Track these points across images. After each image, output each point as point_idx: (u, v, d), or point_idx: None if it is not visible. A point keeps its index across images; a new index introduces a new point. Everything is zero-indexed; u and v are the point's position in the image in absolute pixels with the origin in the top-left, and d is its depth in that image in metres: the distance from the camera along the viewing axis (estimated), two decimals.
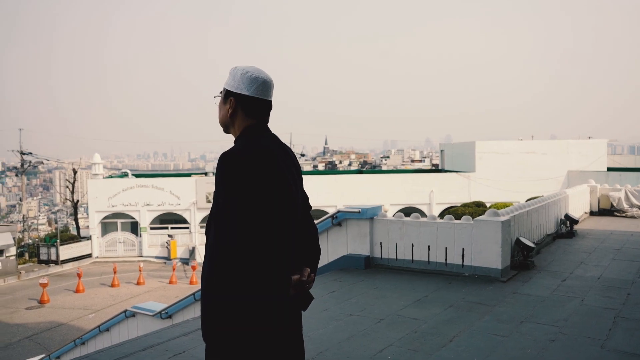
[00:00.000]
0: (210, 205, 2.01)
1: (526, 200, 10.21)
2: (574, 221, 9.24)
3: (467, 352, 3.79)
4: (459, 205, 23.25)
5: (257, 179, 1.84)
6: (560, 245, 8.20)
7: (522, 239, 6.62)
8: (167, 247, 28.08)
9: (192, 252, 27.67)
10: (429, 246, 6.49)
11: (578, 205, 11.12)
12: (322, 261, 7.07)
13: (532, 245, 6.66)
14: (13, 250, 24.56)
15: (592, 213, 12.23)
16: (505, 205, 18.57)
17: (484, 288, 5.62)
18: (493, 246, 6.02)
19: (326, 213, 7.79)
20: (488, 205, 20.83)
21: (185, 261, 27.60)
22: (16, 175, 37.56)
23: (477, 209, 19.99)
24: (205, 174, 32.42)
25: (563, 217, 9.31)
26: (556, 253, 7.60)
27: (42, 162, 37.47)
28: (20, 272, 24.70)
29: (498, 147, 28.57)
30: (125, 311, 9.35)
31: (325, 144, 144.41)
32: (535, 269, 6.49)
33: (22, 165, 34.53)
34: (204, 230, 2.26)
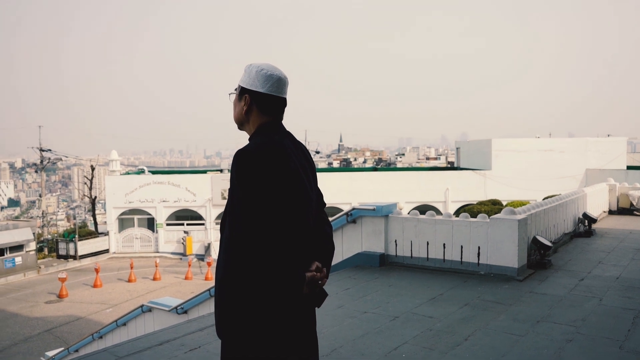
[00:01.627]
0: (225, 202, 2.03)
1: (543, 199, 10.09)
2: (592, 220, 9.11)
3: (482, 351, 3.77)
4: (475, 203, 23.06)
5: (272, 176, 1.85)
6: (578, 245, 8.10)
7: (539, 238, 6.55)
8: (182, 243, 28.33)
9: (208, 248, 27.89)
10: (444, 244, 6.45)
11: (596, 203, 10.96)
12: (337, 258, 7.08)
13: (549, 244, 6.58)
14: (33, 245, 24.97)
15: (610, 212, 12.04)
16: (521, 203, 18.37)
17: (500, 287, 5.57)
18: (509, 245, 5.97)
19: (341, 210, 7.79)
20: (504, 203, 20.60)
21: (200, 257, 27.82)
22: (36, 172, 38.14)
23: (493, 207, 19.80)
24: (221, 170, 32.61)
25: (581, 216, 9.18)
26: (574, 252, 7.50)
27: (60, 159, 38.04)
28: (40, 267, 25.13)
29: (515, 144, 28.27)
30: (142, 306, 9.47)
31: (340, 141, 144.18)
32: (553, 268, 6.42)
33: (41, 161, 35.09)
34: (219, 226, 2.26)
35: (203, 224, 29.03)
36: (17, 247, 24.00)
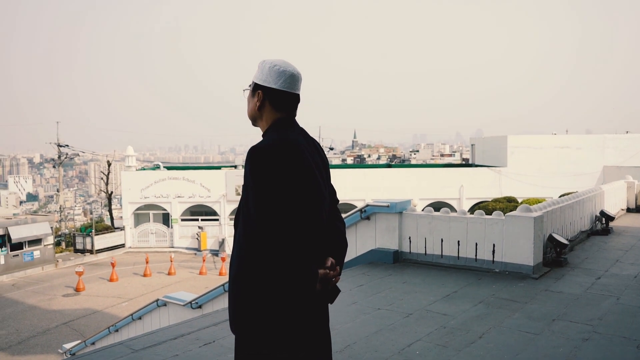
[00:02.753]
0: (239, 198, 2.01)
1: (560, 196, 9.98)
2: (610, 218, 8.99)
3: (496, 349, 3.74)
4: (490, 200, 22.89)
5: (285, 173, 1.86)
6: (595, 243, 8.00)
7: (555, 236, 6.48)
8: (197, 238, 28.56)
9: (222, 243, 28.06)
10: (458, 241, 6.42)
11: (614, 201, 10.80)
12: (350, 255, 7.08)
13: (565, 242, 6.51)
14: (51, 240, 25.37)
15: (629, 210, 11.86)
16: (537, 201, 18.17)
17: (515, 285, 5.53)
18: (525, 242, 5.92)
19: (354, 207, 7.78)
20: (520, 200, 20.40)
21: (215, 252, 28.01)
22: (54, 167, 38.68)
23: (508, 204, 19.64)
24: (235, 166, 32.75)
25: (598, 214, 9.06)
26: (590, 250, 7.41)
27: (78, 154, 38.52)
28: (58, 261, 25.53)
29: (531, 141, 27.95)
30: (157, 300, 9.57)
31: (354, 137, 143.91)
32: (569, 267, 6.35)
33: (59, 157, 35.57)
34: (233, 222, 2.28)
35: (217, 220, 29.22)
36: (36, 241, 24.39)
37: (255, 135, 2.11)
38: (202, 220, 29.47)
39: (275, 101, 2.02)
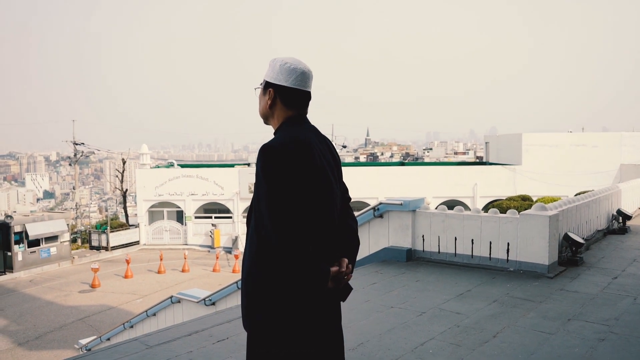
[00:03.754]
0: (252, 195, 2.02)
1: (575, 195, 9.86)
2: (627, 217, 8.86)
3: (511, 349, 3.72)
4: (504, 198, 22.68)
5: (297, 170, 1.86)
6: (611, 242, 7.89)
7: (571, 235, 6.41)
8: (210, 236, 28.73)
9: (235, 241, 28.21)
10: (472, 240, 6.38)
11: (632, 200, 10.65)
12: (363, 253, 7.07)
13: (581, 241, 6.44)
14: (67, 236, 25.69)
15: None
16: (553, 199, 17.97)
17: (530, 284, 5.48)
18: (540, 241, 5.86)
19: (367, 205, 7.77)
20: (535, 199, 20.18)
21: (228, 250, 28.17)
22: (70, 165, 39.16)
23: (522, 202, 19.44)
24: (248, 164, 32.88)
25: (615, 213, 8.94)
26: (607, 249, 7.32)
27: (93, 152, 38.97)
28: (74, 257, 25.86)
29: (546, 139, 27.64)
30: (171, 297, 9.65)
31: (367, 135, 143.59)
32: (585, 266, 6.28)
33: (75, 155, 36.00)
34: (246, 220, 2.26)
35: (230, 217, 29.37)
36: (52, 238, 24.72)
37: (268, 134, 2.12)
38: (215, 217, 29.64)
39: (286, 99, 2.02)
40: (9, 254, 23.01)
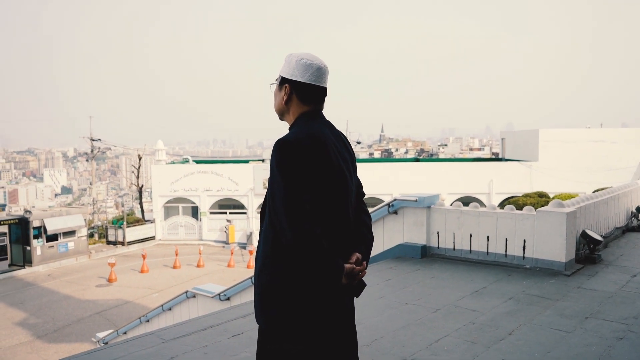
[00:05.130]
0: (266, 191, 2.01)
1: (593, 191, 9.72)
2: None
3: (527, 346, 3.68)
4: (520, 195, 22.44)
5: (312, 166, 1.85)
6: (630, 239, 7.77)
7: (589, 232, 6.32)
8: (225, 231, 28.90)
9: (250, 236, 28.34)
10: (488, 237, 6.33)
11: None
12: (378, 249, 7.05)
13: (599, 238, 6.34)
14: (84, 231, 26.03)
15: None
16: (570, 196, 17.73)
17: (546, 281, 5.42)
18: (557, 238, 5.79)
19: (381, 201, 7.75)
20: (551, 196, 19.94)
21: (242, 245, 28.31)
22: (87, 161, 39.66)
23: (539, 199, 19.21)
24: (263, 160, 32.97)
25: (634, 210, 8.79)
26: (626, 247, 7.20)
27: (110, 148, 39.38)
28: (91, 252, 26.21)
29: (564, 135, 27.26)
30: (186, 292, 9.74)
31: (382, 131, 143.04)
32: (603, 264, 6.19)
33: (92, 151, 36.43)
34: (259, 215, 2.24)
35: (245, 213, 29.50)
36: (70, 233, 25.06)
37: (282, 129, 2.11)
38: (230, 213, 29.80)
39: (302, 94, 2.01)
40: (28, 248, 23.40)
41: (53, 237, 24.25)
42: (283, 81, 2.04)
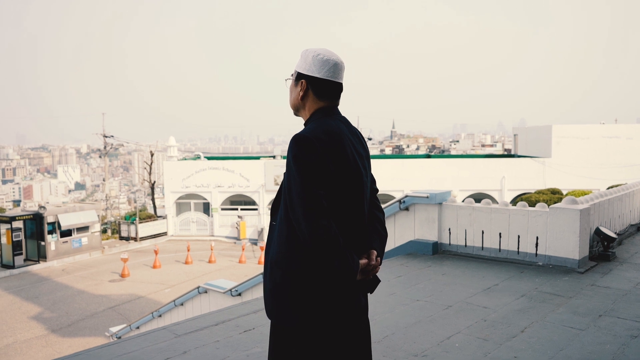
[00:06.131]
0: (278, 188, 1.99)
1: (607, 188, 9.60)
2: None
3: (539, 344, 3.66)
4: (533, 192, 22.25)
5: (328, 161, 1.85)
6: None
7: (603, 229, 6.26)
8: (236, 227, 29.03)
9: (261, 233, 28.44)
10: (500, 233, 6.28)
11: None
12: (389, 245, 7.04)
13: (613, 235, 6.27)
14: (98, 227, 26.29)
15: None
16: (583, 192, 17.57)
17: (559, 279, 5.37)
18: (570, 235, 5.74)
19: (393, 197, 7.72)
20: (565, 192, 19.75)
21: (254, 241, 28.43)
22: (100, 157, 40.07)
23: (552, 196, 19.05)
24: (274, 157, 33.03)
25: None
26: None
27: (122, 145, 39.75)
28: (104, 247, 26.48)
29: (577, 131, 26.95)
30: (198, 287, 9.80)
31: (393, 127, 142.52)
32: (617, 261, 6.12)
33: (104, 147, 36.76)
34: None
35: (256, 209, 29.59)
36: (84, 228, 25.33)
37: (293, 126, 2.12)
38: (241, 209, 29.93)
39: (318, 90, 2.01)
40: (43, 243, 23.70)
41: (67, 233, 24.53)
42: (299, 77, 2.03)
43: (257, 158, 33.91)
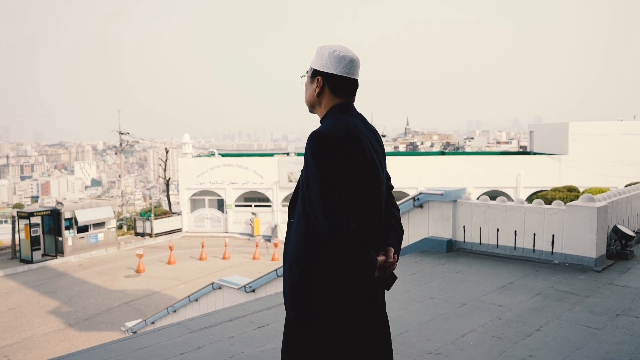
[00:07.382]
0: (292, 185, 2.00)
1: (625, 186, 9.46)
2: None
3: (555, 343, 3.62)
4: (549, 189, 22.00)
5: (346, 158, 1.85)
6: None
7: (621, 227, 6.17)
8: (250, 224, 29.15)
9: (274, 229, 28.52)
10: (515, 231, 6.23)
11: None
12: (403, 243, 6.98)
13: (631, 234, 6.18)
14: (113, 223, 26.59)
15: None
16: (600, 190, 17.30)
17: (576, 277, 5.31)
18: (587, 234, 5.67)
19: (407, 195, 7.69)
20: (581, 190, 19.49)
21: (267, 238, 28.52)
22: (115, 154, 40.53)
23: (568, 194, 18.81)
24: (287, 154, 33.07)
25: None
26: None
27: (137, 142, 40.05)
28: (120, 243, 26.78)
29: (594, 128, 26.56)
30: (212, 283, 9.86)
31: (407, 124, 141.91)
32: (635, 260, 6.03)
33: (120, 144, 37.12)
34: (286, 208, 2.24)
35: (270, 206, 29.67)
36: (100, 224, 25.64)
37: (307, 124, 2.12)
38: (255, 206, 30.03)
39: (334, 87, 2.00)
40: (60, 239, 24.04)
41: (84, 229, 24.85)
42: (315, 73, 2.03)
43: (271, 155, 33.98)
